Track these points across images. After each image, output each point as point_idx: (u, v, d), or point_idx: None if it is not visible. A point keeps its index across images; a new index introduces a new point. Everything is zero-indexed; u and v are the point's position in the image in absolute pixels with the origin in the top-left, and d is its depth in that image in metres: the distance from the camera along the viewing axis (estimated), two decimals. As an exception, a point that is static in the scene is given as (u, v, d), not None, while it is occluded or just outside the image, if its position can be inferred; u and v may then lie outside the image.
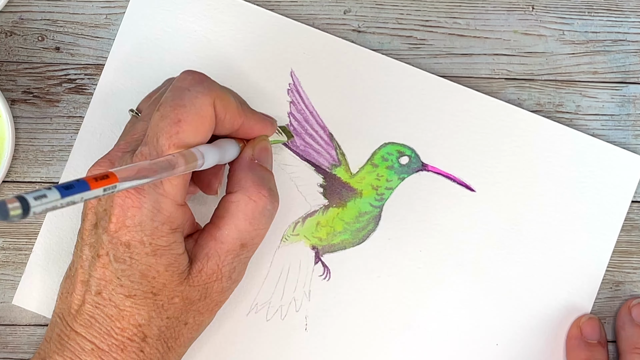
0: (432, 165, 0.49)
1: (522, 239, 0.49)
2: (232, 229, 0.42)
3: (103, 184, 0.33)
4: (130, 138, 0.42)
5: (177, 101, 0.40)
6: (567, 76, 0.50)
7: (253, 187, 0.42)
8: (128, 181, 0.35)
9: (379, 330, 0.49)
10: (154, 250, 0.40)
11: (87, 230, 0.41)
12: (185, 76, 0.41)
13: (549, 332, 0.49)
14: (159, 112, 0.40)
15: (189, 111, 0.39)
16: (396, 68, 0.49)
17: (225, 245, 0.42)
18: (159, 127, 0.39)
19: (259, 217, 0.42)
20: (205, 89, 0.40)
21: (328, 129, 0.49)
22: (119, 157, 0.41)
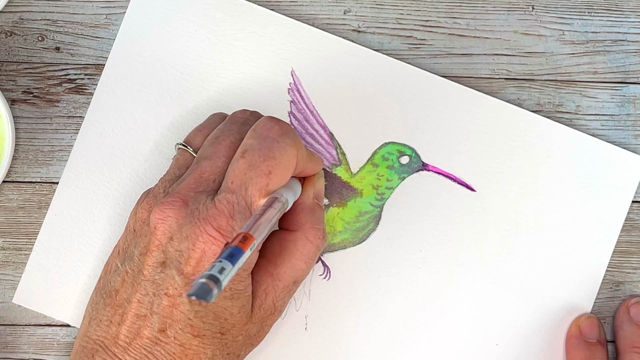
0: (433, 165, 0.49)
1: (522, 239, 0.49)
2: (289, 267, 0.42)
3: (248, 245, 0.35)
4: (199, 177, 0.41)
5: (267, 152, 0.40)
6: (567, 76, 0.50)
7: (312, 229, 0.43)
8: (260, 238, 0.36)
9: (379, 330, 0.48)
10: (232, 294, 0.40)
11: (151, 267, 0.40)
12: (272, 125, 0.41)
13: (549, 332, 0.49)
14: (246, 161, 0.40)
15: (279, 164, 0.40)
16: (397, 68, 0.49)
17: (282, 282, 0.42)
18: (247, 176, 0.40)
19: (313, 257, 0.43)
20: (292, 141, 0.41)
21: (328, 129, 0.49)
22: (192, 197, 0.40)
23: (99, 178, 0.49)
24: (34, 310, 0.49)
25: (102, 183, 0.49)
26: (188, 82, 0.49)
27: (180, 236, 0.39)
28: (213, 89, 0.49)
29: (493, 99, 0.49)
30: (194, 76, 0.49)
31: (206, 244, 0.39)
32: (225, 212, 0.39)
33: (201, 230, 0.39)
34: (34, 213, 0.49)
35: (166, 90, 0.49)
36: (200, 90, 0.49)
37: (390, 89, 0.49)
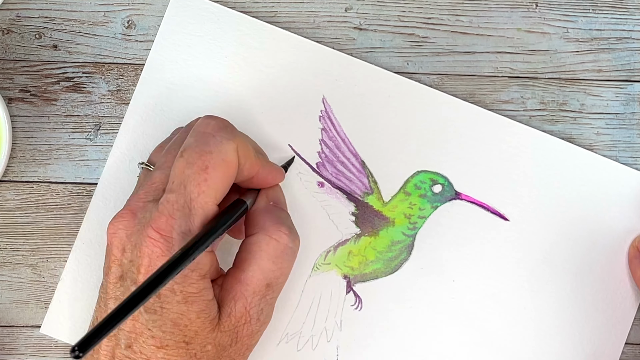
0: (466, 193, 0.49)
1: (556, 269, 0.48)
2: (256, 269, 0.41)
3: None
4: (149, 188, 0.41)
5: (203, 147, 0.39)
6: (571, 74, 0.50)
7: (272, 226, 0.42)
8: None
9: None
10: (185, 298, 0.39)
11: (112, 283, 0.40)
12: (209, 121, 0.41)
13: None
14: (184, 159, 0.39)
15: (216, 157, 0.39)
16: (430, 95, 0.49)
17: (251, 286, 0.41)
18: (185, 174, 0.39)
19: (281, 256, 0.42)
20: (229, 135, 0.40)
21: (360, 157, 0.49)
22: (140, 207, 0.40)
23: None
24: (64, 342, 0.48)
25: None
26: (218, 109, 0.49)
27: (130, 246, 0.39)
28: (243, 116, 0.49)
29: (526, 127, 0.49)
30: (223, 103, 0.49)
31: (148, 247, 0.38)
32: (164, 212, 0.38)
33: (144, 235, 0.38)
34: (31, 213, 0.49)
35: (195, 118, 0.47)
36: (230, 117, 0.46)
37: (423, 117, 0.49)
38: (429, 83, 0.50)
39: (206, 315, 0.39)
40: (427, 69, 0.50)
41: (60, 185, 0.49)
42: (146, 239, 0.38)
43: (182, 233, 0.38)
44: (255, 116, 0.49)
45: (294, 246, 0.42)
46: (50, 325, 0.48)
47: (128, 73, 0.50)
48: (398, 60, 0.50)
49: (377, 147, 0.49)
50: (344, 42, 0.50)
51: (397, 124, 0.49)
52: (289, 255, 0.42)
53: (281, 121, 0.49)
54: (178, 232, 0.38)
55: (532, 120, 0.50)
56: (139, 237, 0.39)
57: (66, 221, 0.49)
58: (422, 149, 0.49)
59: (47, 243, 0.49)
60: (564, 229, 0.49)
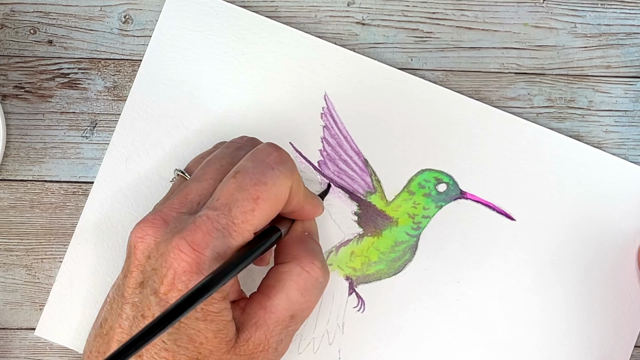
0: (471, 193, 0.48)
1: (564, 270, 0.48)
2: (283, 299, 0.40)
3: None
4: (184, 198, 0.40)
5: (259, 177, 0.39)
6: (579, 70, 0.49)
7: (306, 258, 0.41)
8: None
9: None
10: (204, 316, 0.38)
11: (131, 288, 0.39)
12: (271, 151, 0.40)
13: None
14: (237, 181, 0.39)
15: (270, 191, 0.39)
16: (434, 92, 0.48)
17: (275, 315, 0.40)
18: (234, 196, 0.38)
19: (310, 289, 0.41)
20: (288, 171, 0.40)
21: (363, 155, 0.48)
22: (174, 217, 0.39)
23: (124, 206, 0.48)
24: (58, 344, 0.48)
25: (127, 211, 0.48)
26: (217, 106, 0.48)
27: (156, 254, 0.38)
28: (243, 113, 0.48)
29: (533, 124, 0.48)
30: (223, 100, 0.48)
31: (176, 260, 0.37)
32: (202, 228, 0.37)
33: (173, 246, 0.37)
34: (26, 212, 0.48)
35: (195, 115, 0.48)
36: (230, 114, 0.48)
37: (427, 114, 0.48)
38: (433, 79, 0.49)
39: (223, 336, 0.39)
40: (431, 65, 0.49)
41: (55, 184, 0.48)
42: (175, 250, 0.37)
43: (216, 253, 0.37)
44: (255, 113, 0.48)
45: (324, 281, 0.42)
46: (45, 327, 0.47)
47: (125, 69, 0.49)
48: (402, 56, 0.49)
49: (380, 145, 0.48)
50: (346, 38, 0.49)
51: (401, 122, 0.48)
52: (318, 290, 0.41)
53: (282, 118, 0.48)
54: (212, 252, 0.37)
55: (539, 118, 0.49)
56: (168, 246, 0.37)
57: (62, 221, 0.48)
58: (427, 147, 0.48)
59: (42, 243, 0.48)
60: (571, 229, 0.48)
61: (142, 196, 0.48)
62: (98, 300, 0.47)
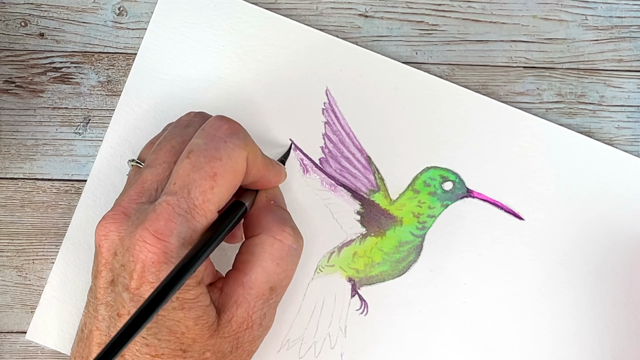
0: (478, 191, 0.47)
1: (574, 272, 0.46)
2: (260, 272, 0.40)
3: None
4: (140, 187, 0.39)
5: (213, 152, 0.38)
6: (590, 64, 0.48)
7: (275, 226, 0.40)
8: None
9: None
10: (181, 305, 0.37)
11: (102, 288, 0.38)
12: (221, 124, 0.39)
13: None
14: (191, 161, 0.38)
15: (226, 165, 0.38)
16: (440, 87, 0.47)
17: (254, 290, 0.40)
18: (190, 177, 0.37)
19: (285, 257, 0.40)
20: (241, 142, 0.39)
21: (366, 152, 0.47)
22: (134, 209, 0.38)
23: None
24: (50, 348, 0.46)
25: None
26: (214, 100, 0.47)
27: (122, 249, 0.37)
28: (241, 108, 0.47)
29: (542, 120, 0.47)
30: (220, 95, 0.47)
31: (142, 252, 0.36)
32: (163, 214, 0.36)
33: (137, 239, 0.36)
34: (16, 212, 0.47)
35: (190, 110, 0.46)
36: (228, 110, 0.47)
37: (433, 110, 0.47)
38: (439, 74, 0.48)
39: (204, 322, 0.38)
40: (437, 59, 0.48)
41: (47, 182, 0.47)
42: (140, 242, 0.36)
43: (181, 239, 0.36)
44: (254, 109, 0.47)
45: (298, 247, 0.41)
46: (36, 330, 0.46)
47: (119, 63, 0.48)
48: (406, 50, 0.48)
49: (383, 141, 0.47)
50: (349, 30, 0.48)
51: (405, 117, 0.47)
52: (293, 257, 0.41)
53: (282, 114, 0.47)
54: (177, 238, 0.36)
55: (548, 113, 0.48)
56: (132, 239, 0.37)
57: (53, 220, 0.47)
58: (432, 144, 0.47)
59: (33, 243, 0.47)
60: (582, 229, 0.47)
61: None
62: None
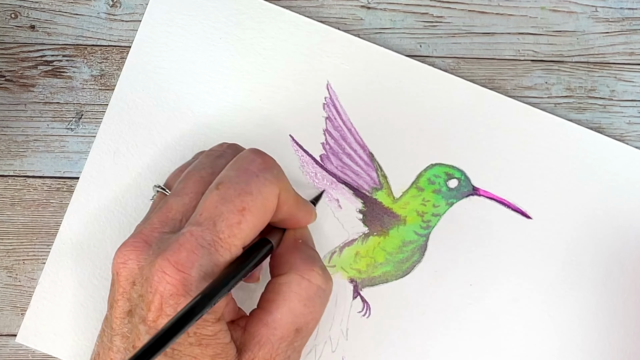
0: (484, 189, 0.46)
1: (584, 272, 0.46)
2: (286, 312, 0.38)
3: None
4: (164, 216, 0.38)
5: (244, 186, 0.37)
6: (600, 58, 0.47)
7: (304, 265, 0.39)
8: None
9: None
10: (198, 340, 0.36)
11: (119, 319, 0.37)
12: (254, 157, 0.39)
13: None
14: (220, 193, 0.37)
15: (256, 201, 0.37)
16: (445, 81, 0.46)
17: (279, 331, 0.38)
18: (218, 209, 0.36)
19: (313, 298, 0.39)
20: (274, 178, 0.38)
21: (368, 148, 0.46)
22: (156, 238, 0.37)
23: (112, 203, 0.46)
24: (41, 352, 0.45)
25: (115, 209, 0.46)
26: (212, 95, 0.46)
27: (141, 279, 0.36)
28: (239, 103, 0.46)
29: (551, 115, 0.46)
30: (218, 89, 0.46)
31: (161, 283, 0.35)
32: (186, 245, 0.35)
33: (157, 269, 0.35)
34: (6, 210, 0.46)
35: (187, 105, 0.46)
36: (225, 105, 0.46)
37: (437, 105, 0.46)
38: (444, 67, 0.47)
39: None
40: (441, 52, 0.47)
41: (38, 179, 0.46)
42: (159, 273, 0.35)
43: (203, 273, 0.35)
44: (253, 103, 0.46)
45: (327, 288, 0.40)
46: (27, 333, 0.45)
47: (113, 56, 0.47)
48: (410, 42, 0.47)
49: (386, 138, 0.46)
50: (351, 22, 0.47)
51: (409, 113, 0.46)
52: (321, 298, 0.39)
53: (281, 109, 0.46)
54: (198, 272, 0.35)
55: (557, 108, 0.47)
56: (151, 269, 0.35)
57: (45, 219, 0.46)
58: (437, 140, 0.46)
59: (24, 243, 0.46)
60: (591, 228, 0.46)
61: (131, 192, 0.46)
62: (83, 304, 0.45)
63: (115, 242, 0.45)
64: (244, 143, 0.44)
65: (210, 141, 0.46)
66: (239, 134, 0.46)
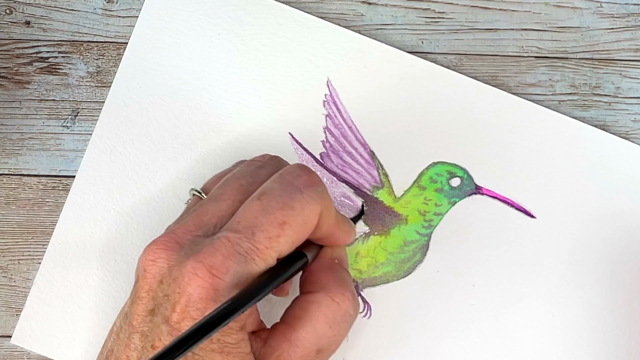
0: (487, 187, 0.46)
1: (589, 272, 0.45)
2: (310, 331, 0.38)
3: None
4: (199, 220, 0.37)
5: (287, 200, 0.36)
6: (605, 54, 0.47)
7: (336, 288, 0.39)
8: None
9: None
10: (221, 348, 0.35)
11: (140, 316, 0.36)
12: (300, 173, 0.38)
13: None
14: (262, 203, 0.36)
15: (297, 216, 0.36)
16: (447, 77, 0.46)
17: (300, 349, 0.38)
18: (258, 220, 0.36)
19: (340, 322, 0.38)
20: (318, 196, 0.37)
21: (369, 147, 0.46)
22: (189, 240, 0.36)
23: (108, 202, 0.45)
24: (36, 353, 0.45)
25: (112, 208, 0.45)
26: (210, 92, 0.46)
27: (169, 279, 0.35)
28: (238, 100, 0.46)
29: (555, 113, 0.46)
30: (216, 87, 0.46)
31: (191, 285, 0.34)
32: (221, 250, 0.35)
33: (188, 270, 0.34)
34: (1, 209, 0.46)
35: (185, 103, 0.46)
36: (224, 102, 0.46)
37: (439, 102, 0.46)
38: (446, 64, 0.47)
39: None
40: (444, 48, 0.47)
41: (33, 178, 0.46)
42: (190, 274, 0.34)
43: (236, 280, 0.35)
44: (251, 101, 0.46)
45: (354, 314, 0.39)
46: (22, 335, 0.44)
47: (109, 53, 0.47)
48: (412, 39, 0.47)
49: (388, 135, 0.46)
50: (351, 18, 0.47)
51: (411, 110, 0.46)
52: (347, 323, 0.39)
53: (280, 106, 0.46)
54: (231, 278, 0.35)
55: (561, 106, 0.47)
56: (182, 270, 0.35)
57: (40, 219, 0.46)
58: (439, 138, 0.46)
59: (19, 243, 0.46)
60: (596, 227, 0.45)
61: (127, 191, 0.45)
62: (80, 305, 0.45)
63: (112, 242, 0.45)
64: (243, 141, 0.43)
65: (208, 139, 0.45)
66: (237, 132, 0.45)
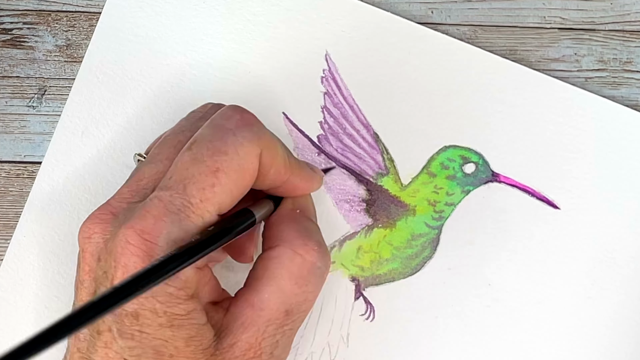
0: (505, 175, 0.44)
1: (619, 270, 0.43)
2: (274, 291, 0.36)
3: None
4: (134, 186, 0.36)
5: (218, 144, 0.35)
6: (637, 26, 0.45)
7: (298, 239, 0.37)
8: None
9: (435, 384, 0.44)
10: (169, 321, 0.34)
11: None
12: (231, 114, 0.37)
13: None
14: (192, 153, 0.35)
15: (231, 161, 0.35)
16: (460, 51, 0.44)
17: (266, 312, 0.36)
18: (189, 171, 0.34)
19: (307, 276, 0.37)
20: (253, 136, 0.36)
21: (372, 128, 0.44)
22: (123, 209, 0.35)
23: (79, 190, 0.44)
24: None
25: (83, 196, 0.44)
26: (193, 67, 0.45)
27: (105, 254, 0.34)
28: (225, 76, 0.44)
29: (582, 91, 0.44)
30: (200, 60, 0.45)
31: (124, 255, 0.33)
32: (152, 212, 0.34)
33: (120, 239, 0.33)
34: None
35: (166, 78, 0.44)
36: (209, 78, 0.44)
37: (452, 79, 0.44)
38: (458, 36, 0.45)
39: (197, 344, 0.35)
40: (456, 19, 0.45)
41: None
42: (123, 244, 0.33)
43: (171, 241, 0.34)
44: (241, 77, 0.44)
45: (322, 266, 0.38)
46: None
47: (80, 24, 0.45)
48: (420, 8, 0.45)
49: (393, 116, 0.44)
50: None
51: (419, 88, 0.44)
52: (316, 277, 0.37)
53: (274, 83, 0.44)
54: (166, 240, 0.33)
55: (588, 83, 0.45)
56: (115, 241, 0.34)
57: (3, 209, 0.44)
58: (451, 119, 0.44)
59: None
60: (629, 220, 0.43)
61: (101, 177, 0.44)
62: (47, 306, 0.43)
63: (83, 235, 0.42)
64: (231, 122, 0.40)
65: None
66: (224, 112, 0.43)
